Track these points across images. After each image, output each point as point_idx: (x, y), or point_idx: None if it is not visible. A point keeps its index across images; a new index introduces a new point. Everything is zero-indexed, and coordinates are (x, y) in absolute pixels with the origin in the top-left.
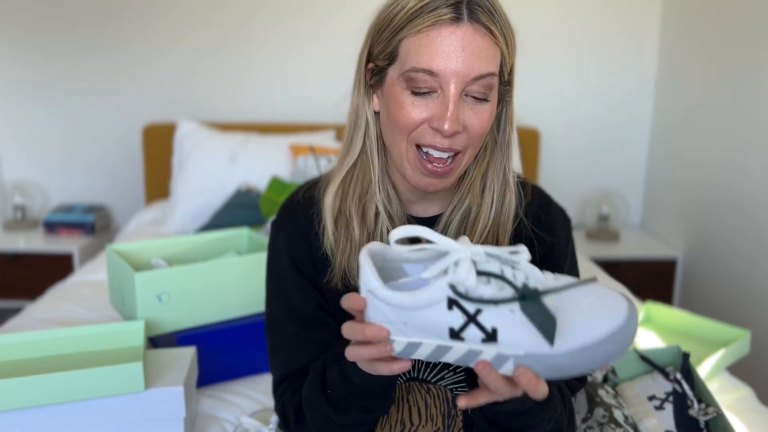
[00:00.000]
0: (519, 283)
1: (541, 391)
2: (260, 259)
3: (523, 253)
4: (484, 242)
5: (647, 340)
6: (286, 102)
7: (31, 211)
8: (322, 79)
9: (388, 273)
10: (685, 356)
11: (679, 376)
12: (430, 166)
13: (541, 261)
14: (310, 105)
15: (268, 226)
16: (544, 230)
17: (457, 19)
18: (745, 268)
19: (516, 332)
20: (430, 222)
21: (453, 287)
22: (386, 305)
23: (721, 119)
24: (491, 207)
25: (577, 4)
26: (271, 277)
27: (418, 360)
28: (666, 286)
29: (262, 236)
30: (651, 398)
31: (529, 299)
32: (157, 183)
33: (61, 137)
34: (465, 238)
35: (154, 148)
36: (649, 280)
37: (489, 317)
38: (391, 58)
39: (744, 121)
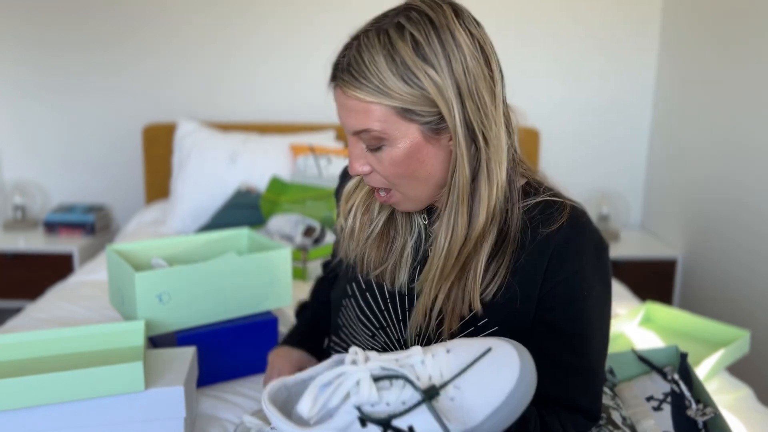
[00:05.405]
0: (422, 375)
1: None
2: (260, 259)
3: (415, 355)
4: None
5: (647, 340)
6: (286, 102)
7: (31, 211)
8: (322, 79)
9: (296, 397)
10: (683, 356)
11: (676, 376)
12: (375, 194)
13: (554, 286)
14: (310, 105)
15: (269, 226)
16: (567, 261)
17: (333, 79)
18: (745, 268)
19: (429, 422)
20: None
21: (359, 408)
22: None
23: (721, 119)
24: (443, 246)
25: (578, 5)
26: None
27: None
28: (666, 286)
29: (262, 236)
30: (649, 399)
31: (431, 398)
32: (157, 183)
33: (61, 137)
34: (357, 350)
35: (154, 148)
36: (649, 280)
37: (402, 419)
38: None
39: (744, 121)
